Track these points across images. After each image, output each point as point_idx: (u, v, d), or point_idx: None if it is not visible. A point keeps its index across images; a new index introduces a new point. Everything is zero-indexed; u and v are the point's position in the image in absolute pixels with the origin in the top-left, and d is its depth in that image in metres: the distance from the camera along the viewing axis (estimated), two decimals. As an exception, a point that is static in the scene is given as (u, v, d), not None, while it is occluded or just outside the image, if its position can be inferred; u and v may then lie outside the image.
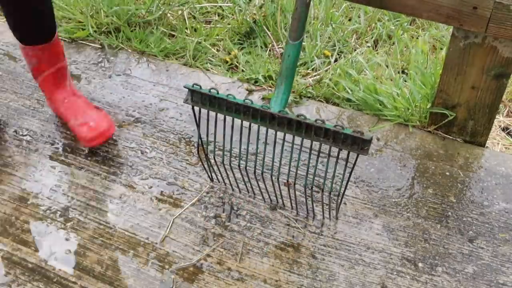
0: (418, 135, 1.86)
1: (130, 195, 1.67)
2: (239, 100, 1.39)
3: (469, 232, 1.59)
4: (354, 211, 1.63)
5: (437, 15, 1.60)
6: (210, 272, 1.49)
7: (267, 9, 2.39)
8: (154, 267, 1.50)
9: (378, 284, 1.47)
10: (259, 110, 1.37)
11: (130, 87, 2.02)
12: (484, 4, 1.52)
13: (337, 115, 1.93)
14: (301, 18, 1.47)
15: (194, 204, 1.65)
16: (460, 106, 1.78)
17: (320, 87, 2.05)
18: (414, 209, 1.64)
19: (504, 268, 1.50)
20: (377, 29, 2.38)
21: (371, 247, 1.55)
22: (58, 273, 1.48)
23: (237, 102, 1.39)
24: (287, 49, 1.47)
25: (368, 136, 1.30)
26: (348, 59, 2.19)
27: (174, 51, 2.21)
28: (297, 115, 1.35)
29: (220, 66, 2.17)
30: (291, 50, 1.47)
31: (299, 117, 1.35)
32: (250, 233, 1.58)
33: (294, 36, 1.46)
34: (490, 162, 1.78)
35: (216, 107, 1.42)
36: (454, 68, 1.70)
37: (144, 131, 1.85)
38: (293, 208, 1.63)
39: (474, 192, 1.69)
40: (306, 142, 1.69)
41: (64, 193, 1.67)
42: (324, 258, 1.52)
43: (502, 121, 2.06)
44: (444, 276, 1.48)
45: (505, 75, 1.67)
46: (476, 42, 1.63)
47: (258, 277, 1.48)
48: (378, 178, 1.72)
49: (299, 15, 1.47)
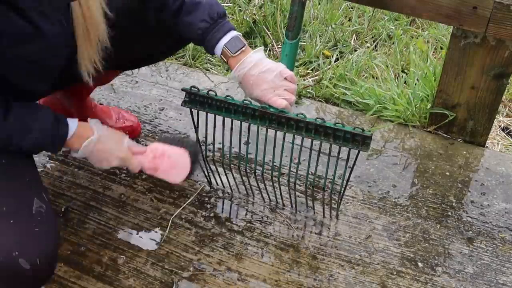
0: (418, 135, 1.86)
1: (130, 195, 1.67)
2: (238, 101, 1.39)
3: (469, 232, 1.59)
4: (354, 211, 1.63)
5: (437, 15, 1.60)
6: (210, 272, 1.49)
7: (266, 9, 2.39)
8: (154, 267, 1.49)
9: (378, 284, 1.47)
10: (259, 110, 1.37)
11: (130, 87, 2.02)
12: (484, 4, 1.52)
13: (336, 115, 1.93)
14: (297, 17, 1.48)
15: (194, 204, 1.65)
16: (460, 106, 1.78)
17: (319, 87, 2.05)
18: (414, 209, 1.64)
19: (504, 268, 1.50)
20: (377, 29, 2.38)
21: (371, 247, 1.55)
22: (58, 273, 1.48)
23: (236, 103, 1.39)
24: (284, 48, 1.48)
25: (369, 133, 1.30)
26: (348, 59, 2.19)
27: (174, 51, 2.20)
28: (296, 114, 1.35)
29: (220, 66, 2.17)
30: (289, 49, 1.47)
31: (298, 116, 1.35)
32: (250, 233, 1.57)
33: (291, 35, 1.47)
34: (490, 162, 1.78)
35: (215, 109, 1.41)
36: (454, 68, 1.70)
37: (143, 131, 1.85)
38: (292, 207, 1.63)
39: (474, 192, 1.69)
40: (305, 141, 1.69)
41: (64, 193, 1.67)
42: (324, 258, 1.52)
43: (502, 121, 2.07)
44: (444, 276, 1.48)
45: (505, 75, 1.67)
46: (476, 42, 1.63)
47: (258, 277, 1.48)
48: (378, 178, 1.72)
49: (295, 14, 1.47)
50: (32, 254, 1.13)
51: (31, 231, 1.16)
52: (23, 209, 1.18)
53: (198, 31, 1.38)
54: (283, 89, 1.38)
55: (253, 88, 1.37)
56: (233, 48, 1.37)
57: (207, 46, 1.40)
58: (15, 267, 1.11)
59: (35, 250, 1.14)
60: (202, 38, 1.39)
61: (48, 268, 1.20)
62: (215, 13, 1.37)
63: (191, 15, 1.38)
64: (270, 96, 1.36)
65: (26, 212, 1.18)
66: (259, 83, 1.36)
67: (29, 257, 1.12)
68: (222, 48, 1.38)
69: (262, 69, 1.37)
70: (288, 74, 1.38)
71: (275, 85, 1.37)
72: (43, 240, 1.17)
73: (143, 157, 1.41)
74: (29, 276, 1.13)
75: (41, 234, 1.17)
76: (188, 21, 1.38)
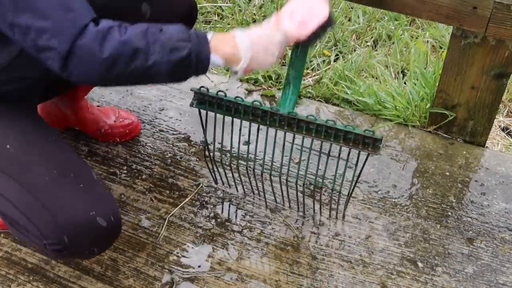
0: (418, 135, 1.86)
1: (130, 195, 1.67)
2: (247, 102, 1.37)
3: (469, 232, 1.59)
4: (354, 211, 1.63)
5: (437, 15, 1.60)
6: (210, 272, 1.49)
7: (266, 9, 2.39)
8: (154, 267, 1.49)
9: (378, 284, 1.47)
10: (268, 111, 1.37)
11: (130, 87, 2.02)
12: (484, 4, 1.52)
13: (336, 115, 1.93)
14: None
15: (194, 204, 1.65)
16: (460, 106, 1.78)
17: (319, 87, 2.05)
18: (414, 209, 1.64)
19: (504, 268, 1.50)
20: (376, 29, 2.38)
21: (371, 247, 1.55)
22: (58, 273, 1.48)
23: (246, 104, 1.38)
24: (294, 50, 1.47)
25: (379, 135, 1.30)
26: (348, 59, 2.19)
27: (173, 51, 2.20)
28: (306, 116, 1.34)
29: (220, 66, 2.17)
30: (299, 51, 1.46)
31: (308, 118, 1.34)
32: (250, 233, 1.57)
33: None
34: (490, 162, 1.78)
35: (224, 110, 1.41)
36: (454, 68, 1.70)
37: (143, 131, 1.85)
38: (299, 210, 1.62)
39: (474, 192, 1.69)
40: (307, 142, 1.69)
41: (64, 193, 1.67)
42: (324, 258, 1.52)
43: (502, 121, 2.07)
44: (444, 276, 1.48)
45: (505, 75, 1.67)
46: (476, 42, 1.63)
47: (258, 277, 1.48)
48: (378, 178, 1.72)
49: None
50: (106, 212, 1.25)
51: (100, 193, 1.28)
52: (87, 176, 1.29)
53: None
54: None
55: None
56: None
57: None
58: (95, 225, 1.22)
59: (108, 209, 1.26)
60: None
61: (118, 227, 1.30)
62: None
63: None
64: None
65: (90, 178, 1.29)
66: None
67: (104, 215, 1.24)
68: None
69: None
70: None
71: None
72: (111, 201, 1.30)
73: (289, 25, 1.25)
74: (106, 232, 1.26)
75: (107, 196, 1.30)
76: None
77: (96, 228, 1.23)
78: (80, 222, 1.21)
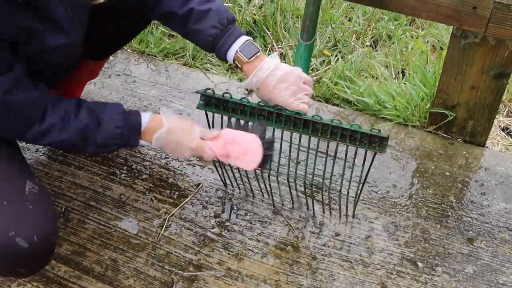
0: (418, 135, 1.86)
1: (130, 195, 1.67)
2: (253, 103, 1.38)
3: (469, 232, 1.59)
4: (354, 211, 1.63)
5: (437, 15, 1.60)
6: (210, 272, 1.49)
7: (267, 9, 2.39)
8: (154, 267, 1.50)
9: (378, 284, 1.47)
10: (274, 112, 1.37)
11: (130, 87, 2.02)
12: (484, 4, 1.52)
13: (336, 115, 1.93)
14: (312, 19, 1.47)
15: (194, 204, 1.65)
16: (460, 106, 1.78)
17: (319, 87, 2.05)
18: (414, 209, 1.64)
19: (504, 268, 1.50)
20: (376, 29, 2.38)
21: (371, 247, 1.55)
22: (58, 273, 1.48)
23: (252, 105, 1.38)
24: (299, 49, 1.47)
25: (385, 134, 1.30)
26: (348, 59, 2.19)
27: (173, 51, 2.21)
28: (312, 116, 1.35)
29: (220, 66, 2.17)
30: (304, 51, 1.46)
31: (314, 118, 1.34)
32: (250, 233, 1.57)
33: (306, 36, 1.46)
34: (490, 162, 1.78)
35: (230, 111, 1.41)
36: (454, 68, 1.70)
37: (144, 131, 1.85)
38: (308, 209, 1.62)
39: (474, 192, 1.69)
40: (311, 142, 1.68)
41: (64, 193, 1.67)
42: (324, 258, 1.52)
43: (502, 121, 2.07)
44: (444, 276, 1.48)
45: (505, 75, 1.67)
46: (476, 42, 1.63)
47: (258, 277, 1.48)
48: (378, 178, 1.72)
49: (310, 15, 1.46)
50: (29, 232, 1.14)
51: (25, 211, 1.17)
52: (16, 191, 1.20)
53: (208, 37, 1.37)
54: (303, 94, 1.37)
55: (272, 93, 1.36)
56: (247, 54, 1.36)
57: (218, 52, 1.39)
58: (13, 246, 1.12)
59: (31, 228, 1.15)
60: (212, 45, 1.39)
61: (48, 246, 1.21)
62: (224, 19, 1.36)
63: (201, 22, 1.37)
64: (291, 101, 1.36)
65: (18, 194, 1.20)
66: (278, 89, 1.36)
67: (26, 235, 1.13)
68: (236, 54, 1.37)
69: (281, 74, 1.35)
70: (306, 78, 1.38)
71: (295, 90, 1.36)
72: (39, 218, 1.18)
73: (214, 144, 1.38)
74: (29, 255, 1.15)
75: (36, 212, 1.18)
76: (198, 29, 1.38)
77: (15, 250, 1.12)
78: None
